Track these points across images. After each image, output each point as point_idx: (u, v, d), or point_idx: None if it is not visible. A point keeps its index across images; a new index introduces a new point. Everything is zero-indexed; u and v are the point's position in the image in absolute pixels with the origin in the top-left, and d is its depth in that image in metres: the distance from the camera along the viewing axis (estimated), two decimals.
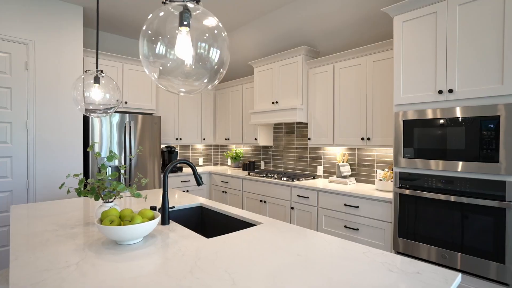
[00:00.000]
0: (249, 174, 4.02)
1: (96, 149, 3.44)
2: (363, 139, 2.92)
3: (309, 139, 3.45)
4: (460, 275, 1.07)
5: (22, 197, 2.97)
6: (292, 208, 3.25)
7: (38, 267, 1.09)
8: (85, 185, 3.20)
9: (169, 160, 4.53)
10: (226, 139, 4.89)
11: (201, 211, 2.08)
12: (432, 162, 2.16)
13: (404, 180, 2.32)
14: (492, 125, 1.91)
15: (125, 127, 3.70)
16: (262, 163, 4.59)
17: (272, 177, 3.68)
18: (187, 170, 4.67)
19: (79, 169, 3.27)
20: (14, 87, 2.95)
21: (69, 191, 1.50)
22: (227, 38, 0.95)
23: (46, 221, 1.64)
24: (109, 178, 1.58)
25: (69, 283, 0.97)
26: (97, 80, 1.83)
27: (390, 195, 2.55)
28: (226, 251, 1.25)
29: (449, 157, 2.08)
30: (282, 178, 3.50)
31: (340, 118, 3.14)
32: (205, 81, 0.96)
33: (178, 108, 4.63)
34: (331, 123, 3.22)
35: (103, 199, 1.51)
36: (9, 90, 2.93)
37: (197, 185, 1.61)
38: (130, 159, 3.69)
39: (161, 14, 0.89)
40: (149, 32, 0.87)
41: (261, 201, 3.66)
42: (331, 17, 3.20)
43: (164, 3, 0.88)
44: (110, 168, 3.46)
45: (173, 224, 1.62)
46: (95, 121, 3.46)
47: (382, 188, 2.79)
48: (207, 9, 3.40)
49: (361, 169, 3.27)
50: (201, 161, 5.38)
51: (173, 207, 1.68)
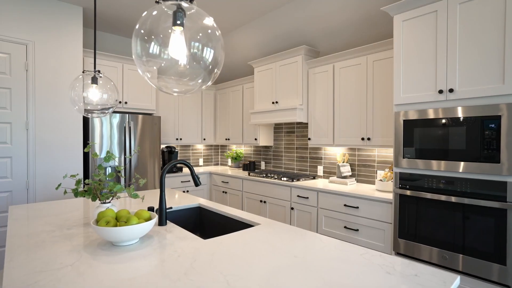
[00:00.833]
0: (249, 174, 4.01)
1: (96, 150, 3.44)
2: (363, 139, 2.90)
3: (309, 139, 3.43)
4: (458, 277, 1.06)
5: (22, 198, 2.97)
6: (292, 208, 3.23)
7: (33, 268, 1.08)
8: (86, 185, 3.20)
9: (169, 160, 4.52)
10: (226, 139, 4.88)
11: (199, 211, 2.07)
12: (432, 162, 2.14)
13: (404, 180, 2.30)
14: (493, 125, 1.89)
15: (125, 128, 3.69)
16: (262, 163, 4.58)
17: (272, 177, 3.67)
18: (187, 170, 4.67)
19: (79, 169, 3.27)
20: (14, 88, 2.95)
21: (66, 192, 1.50)
22: (221, 37, 0.94)
23: (43, 222, 1.64)
24: (107, 178, 1.57)
25: (64, 284, 0.96)
26: (94, 80, 1.83)
27: (390, 196, 2.53)
28: (222, 252, 1.24)
29: (450, 158, 2.06)
30: (282, 178, 3.49)
31: (340, 118, 3.12)
32: (200, 81, 0.95)
33: (178, 108, 4.63)
34: (331, 123, 3.20)
35: (100, 200, 1.51)
36: (9, 90, 2.93)
37: (195, 185, 1.60)
38: (129, 159, 3.69)
39: (155, 13, 0.88)
40: (142, 31, 0.86)
41: (261, 201, 3.64)
42: (331, 17, 3.18)
43: (157, 2, 0.87)
44: (109, 168, 3.46)
45: (170, 225, 1.61)
46: (95, 122, 3.46)
47: (382, 188, 2.77)
48: (207, 9, 3.39)
49: (362, 169, 3.25)
50: (201, 161, 5.38)
51: (171, 208, 1.67)
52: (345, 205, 2.74)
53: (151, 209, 1.64)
